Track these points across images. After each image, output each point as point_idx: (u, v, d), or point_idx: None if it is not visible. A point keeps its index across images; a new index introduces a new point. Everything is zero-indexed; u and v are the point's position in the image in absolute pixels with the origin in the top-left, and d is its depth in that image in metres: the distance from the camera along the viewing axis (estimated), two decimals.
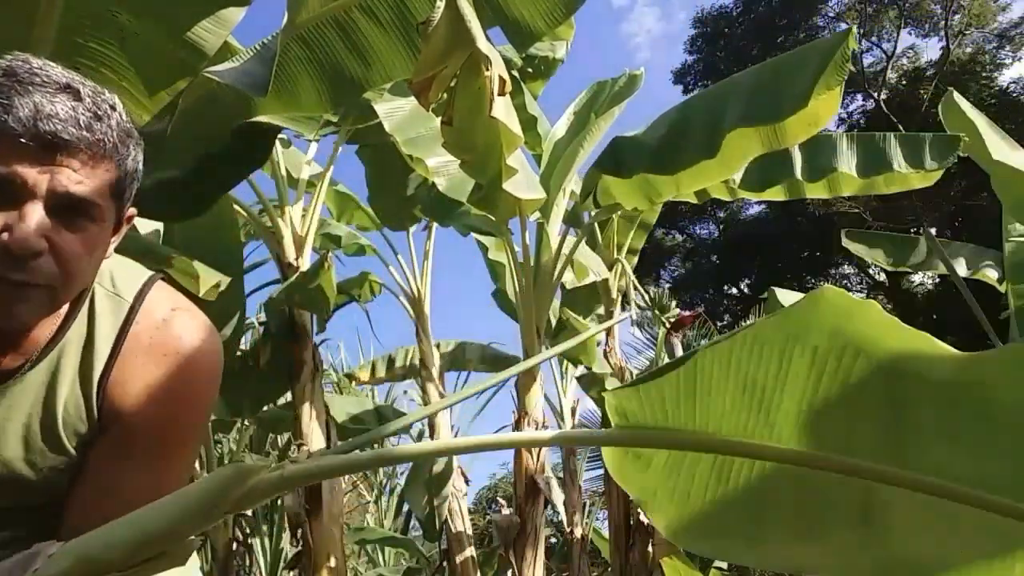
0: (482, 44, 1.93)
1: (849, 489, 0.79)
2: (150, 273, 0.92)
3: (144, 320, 0.86)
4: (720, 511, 0.86)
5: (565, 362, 5.85)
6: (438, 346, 5.46)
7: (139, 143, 0.80)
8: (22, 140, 0.68)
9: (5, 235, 0.68)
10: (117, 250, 0.89)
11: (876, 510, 0.79)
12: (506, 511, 3.73)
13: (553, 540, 8.63)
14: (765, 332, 0.77)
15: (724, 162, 3.06)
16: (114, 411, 0.84)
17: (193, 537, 0.71)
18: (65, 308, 0.83)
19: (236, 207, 3.88)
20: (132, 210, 0.83)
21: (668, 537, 0.92)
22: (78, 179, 0.71)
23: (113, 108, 0.76)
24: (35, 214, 0.69)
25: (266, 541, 5.87)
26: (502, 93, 2.00)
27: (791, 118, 2.83)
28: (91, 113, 0.72)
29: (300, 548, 3.51)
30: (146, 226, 3.66)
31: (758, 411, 0.79)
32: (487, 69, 1.98)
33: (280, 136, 3.63)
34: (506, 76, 2.01)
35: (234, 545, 4.53)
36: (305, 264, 3.81)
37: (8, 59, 0.73)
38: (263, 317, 4.42)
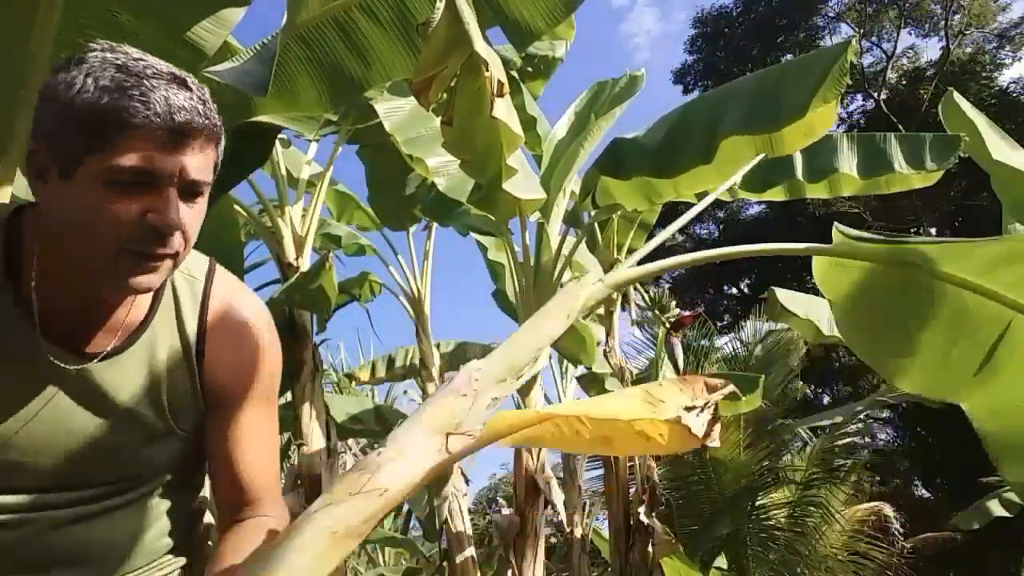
0: (480, 46, 1.93)
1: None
2: (205, 256, 1.00)
3: (217, 298, 0.97)
4: (890, 316, 1.32)
5: (565, 362, 5.85)
6: (438, 346, 5.46)
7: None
8: (159, 132, 0.75)
9: (151, 215, 0.77)
10: None
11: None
12: (506, 511, 3.73)
13: (553, 540, 8.63)
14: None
15: (719, 167, 3.06)
16: (216, 387, 0.95)
17: None
18: None
19: (236, 207, 3.88)
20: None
21: (840, 332, 1.44)
22: (198, 163, 0.80)
23: (205, 89, 0.83)
24: (174, 197, 0.78)
25: None
26: (500, 95, 2.00)
27: (788, 128, 2.84)
28: (201, 101, 0.80)
29: None
30: None
31: None
32: (486, 70, 1.98)
33: (280, 136, 3.62)
34: (504, 79, 2.01)
35: None
36: (305, 264, 3.81)
37: (110, 54, 0.77)
38: None
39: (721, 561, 6.63)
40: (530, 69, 4.32)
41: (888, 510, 7.30)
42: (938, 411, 7.74)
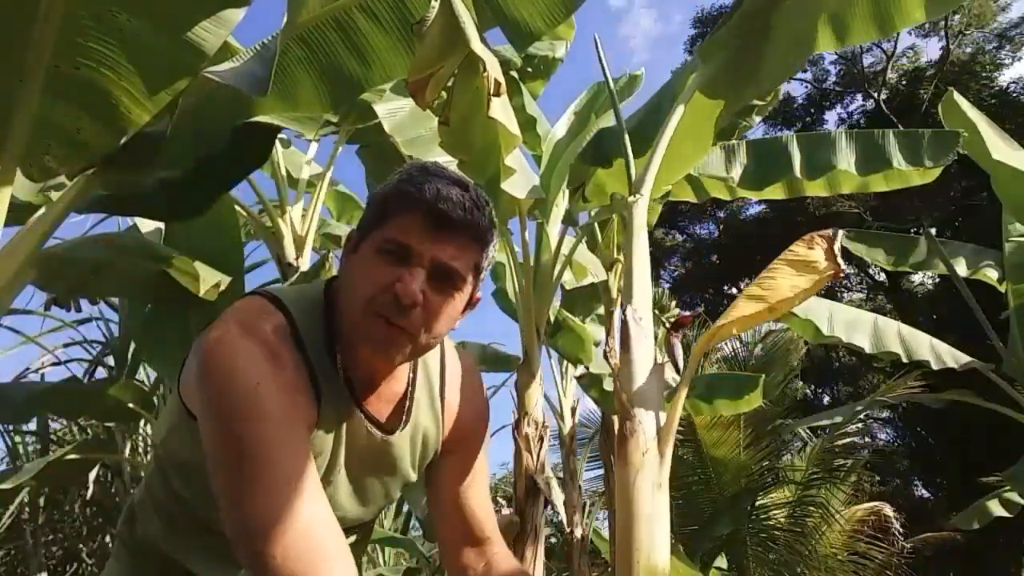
0: (477, 46, 1.93)
1: None
2: None
3: (450, 362, 1.10)
4: None
5: (565, 362, 5.85)
6: None
7: (496, 239, 0.96)
8: (422, 215, 0.86)
9: (397, 285, 0.85)
10: None
11: None
12: (506, 511, 3.73)
13: (553, 540, 8.63)
14: None
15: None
16: (453, 438, 1.09)
17: None
18: (407, 364, 1.00)
19: (236, 207, 3.88)
20: (479, 294, 0.98)
21: None
22: (454, 254, 0.88)
23: (487, 203, 0.93)
24: (420, 275, 0.87)
25: None
26: (497, 94, 1.99)
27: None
28: (473, 203, 0.89)
29: None
30: (146, 226, 3.67)
31: None
32: (483, 70, 1.98)
33: (280, 136, 3.63)
34: (501, 79, 2.01)
35: None
36: (305, 264, 3.81)
37: (416, 161, 0.95)
38: None
39: (721, 561, 6.63)
40: (530, 69, 4.32)
41: (888, 510, 7.30)
42: (938, 411, 7.74)
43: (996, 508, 5.29)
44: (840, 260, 1.23)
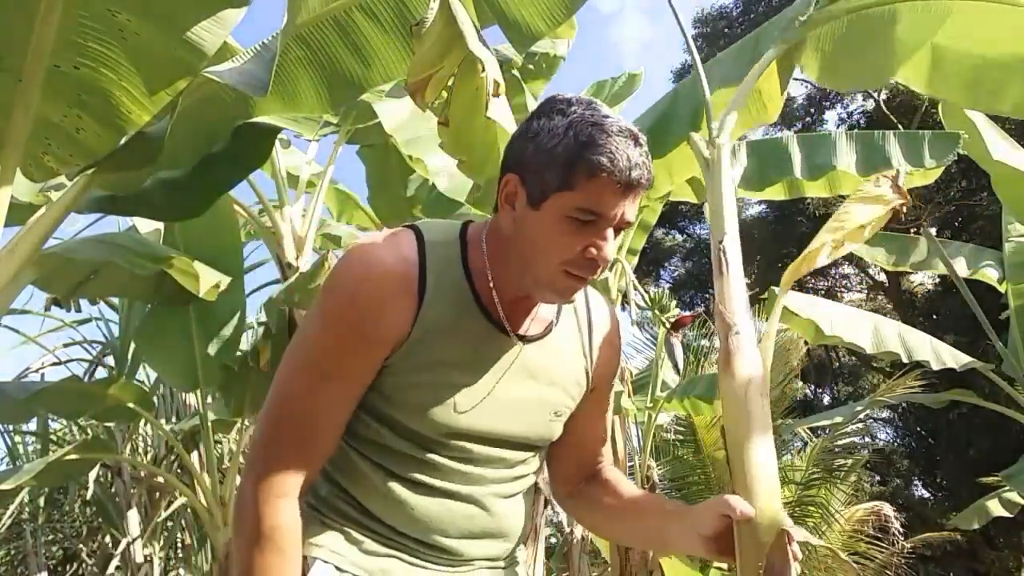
0: (476, 46, 1.93)
1: None
2: None
3: (595, 303, 1.19)
4: None
5: None
6: None
7: None
8: (615, 184, 0.92)
9: (592, 249, 0.95)
10: None
11: None
12: None
13: (553, 540, 8.63)
14: None
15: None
16: (597, 374, 1.16)
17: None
18: None
19: (236, 207, 3.88)
20: None
21: None
22: (633, 208, 0.96)
23: (646, 147, 0.98)
24: (610, 236, 0.96)
25: None
26: (496, 95, 1.99)
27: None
28: (648, 156, 0.96)
29: None
30: (146, 226, 3.67)
31: None
32: (482, 70, 1.98)
33: (280, 136, 3.63)
34: (500, 79, 2.01)
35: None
36: (305, 264, 3.81)
37: (587, 111, 0.95)
38: (263, 317, 4.42)
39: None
40: (531, 67, 4.31)
41: (888, 510, 7.30)
42: (938, 411, 7.73)
43: (996, 508, 5.29)
44: (905, 190, 1.44)
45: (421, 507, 1.02)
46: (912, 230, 11.02)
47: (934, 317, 11.71)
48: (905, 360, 4.27)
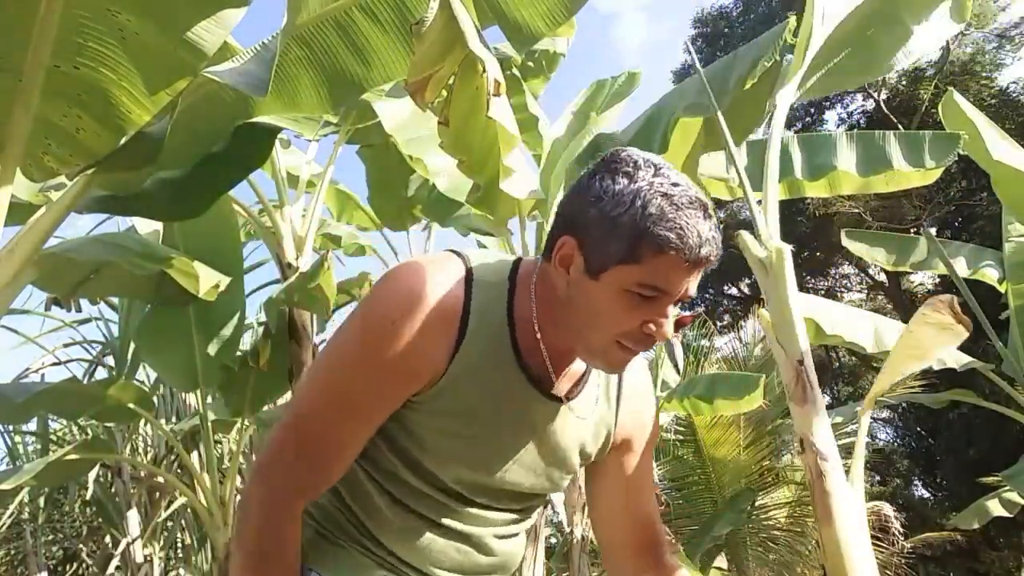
0: (476, 45, 1.92)
1: None
2: None
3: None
4: None
5: None
6: None
7: None
8: (684, 262, 0.86)
9: (650, 326, 0.89)
10: None
11: None
12: None
13: (553, 540, 8.63)
14: None
15: (673, 156, 3.06)
16: (625, 434, 1.12)
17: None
18: None
19: (236, 207, 3.88)
20: None
21: None
22: (697, 283, 0.91)
23: (714, 217, 0.92)
24: (671, 312, 0.91)
25: None
26: (496, 94, 1.99)
27: (730, 108, 2.85)
28: (718, 230, 0.90)
29: None
30: (146, 226, 3.67)
31: None
32: (482, 70, 1.98)
33: (280, 136, 3.63)
34: (501, 79, 2.01)
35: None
36: (305, 264, 3.81)
37: (656, 179, 0.88)
38: (263, 317, 4.42)
39: (721, 561, 6.64)
40: (531, 64, 4.31)
41: (888, 510, 7.30)
42: (938, 411, 7.73)
43: (996, 508, 5.29)
44: (962, 316, 1.50)
45: (424, 539, 1.01)
46: (912, 230, 11.03)
47: None
48: None
